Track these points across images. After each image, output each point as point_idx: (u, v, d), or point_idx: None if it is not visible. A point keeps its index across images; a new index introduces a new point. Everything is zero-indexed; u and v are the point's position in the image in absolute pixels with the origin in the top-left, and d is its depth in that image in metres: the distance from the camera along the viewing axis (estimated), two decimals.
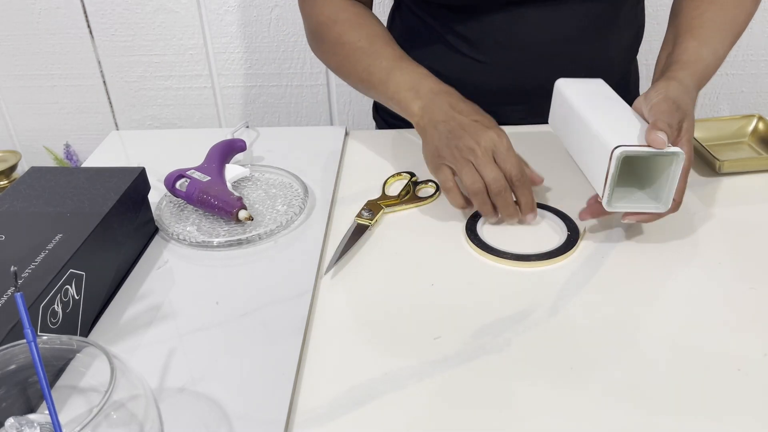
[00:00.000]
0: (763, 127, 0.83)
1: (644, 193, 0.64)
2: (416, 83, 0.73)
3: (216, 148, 0.78)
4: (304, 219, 0.72)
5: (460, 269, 0.63)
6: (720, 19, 0.73)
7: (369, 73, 0.77)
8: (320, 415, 0.49)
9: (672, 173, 0.60)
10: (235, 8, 1.37)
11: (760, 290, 0.59)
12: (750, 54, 1.40)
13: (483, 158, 0.65)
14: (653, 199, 0.63)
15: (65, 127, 1.54)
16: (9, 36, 1.42)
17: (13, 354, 0.39)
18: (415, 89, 0.73)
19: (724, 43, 0.73)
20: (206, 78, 1.45)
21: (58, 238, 0.56)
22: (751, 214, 0.70)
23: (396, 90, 0.74)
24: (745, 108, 1.46)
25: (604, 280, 0.61)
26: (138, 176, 0.66)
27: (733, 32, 0.74)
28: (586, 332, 0.55)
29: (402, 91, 0.74)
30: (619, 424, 0.47)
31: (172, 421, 0.48)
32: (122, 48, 1.42)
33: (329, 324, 0.58)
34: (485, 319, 0.57)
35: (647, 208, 0.63)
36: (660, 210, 0.62)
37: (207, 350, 0.55)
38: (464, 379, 0.51)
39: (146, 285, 0.63)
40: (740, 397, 0.49)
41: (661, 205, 0.62)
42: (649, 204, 0.63)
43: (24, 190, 0.64)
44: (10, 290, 0.50)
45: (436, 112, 0.70)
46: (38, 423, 0.40)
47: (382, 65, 0.76)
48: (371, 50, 0.78)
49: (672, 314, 0.57)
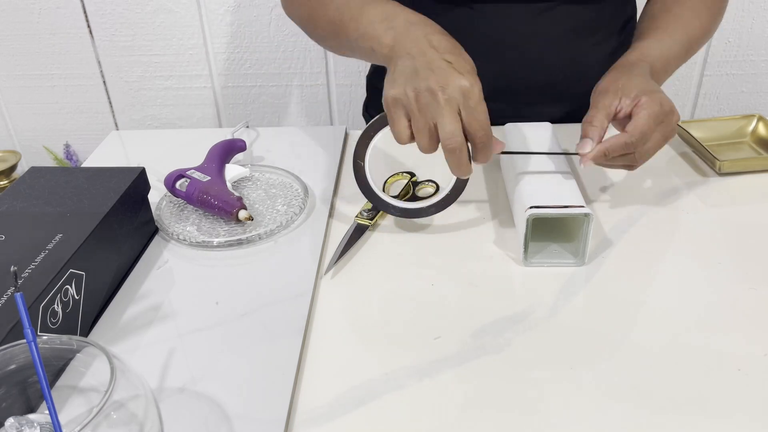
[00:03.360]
0: (763, 127, 0.83)
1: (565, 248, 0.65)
2: (390, 14, 0.66)
3: (216, 148, 0.78)
4: (304, 219, 0.72)
5: (460, 269, 0.63)
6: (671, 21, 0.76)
7: (340, 12, 0.70)
8: (320, 415, 0.49)
9: (584, 232, 0.61)
10: (235, 8, 1.37)
11: (760, 290, 0.59)
12: (750, 54, 1.40)
13: (444, 107, 0.58)
14: (572, 253, 0.64)
15: (65, 127, 1.54)
16: (9, 36, 1.42)
17: (13, 354, 0.39)
18: (388, 20, 0.65)
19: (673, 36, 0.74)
20: (206, 78, 1.45)
21: (58, 238, 0.56)
22: (751, 214, 0.70)
23: (368, 23, 0.66)
24: (745, 108, 1.46)
25: (604, 280, 0.61)
26: (138, 176, 0.66)
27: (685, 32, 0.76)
28: (586, 332, 0.55)
29: (374, 24, 0.66)
30: (619, 424, 0.47)
31: (172, 421, 0.48)
32: (122, 48, 1.42)
33: (329, 324, 0.58)
34: (485, 319, 0.57)
35: (565, 263, 0.63)
36: (578, 265, 0.63)
37: (207, 350, 0.55)
38: (464, 379, 0.51)
39: (146, 285, 0.63)
40: (740, 397, 0.49)
41: (578, 260, 0.63)
42: (568, 260, 0.63)
43: (24, 190, 0.64)
44: (10, 290, 0.50)
45: (408, 43, 0.62)
46: (38, 423, 0.40)
47: (355, 2, 0.69)
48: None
49: (672, 314, 0.57)
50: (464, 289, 0.61)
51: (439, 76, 0.58)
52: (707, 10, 0.78)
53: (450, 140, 0.58)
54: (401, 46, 0.62)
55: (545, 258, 0.64)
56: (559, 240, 0.65)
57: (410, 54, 0.61)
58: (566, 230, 0.65)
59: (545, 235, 0.65)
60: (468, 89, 0.58)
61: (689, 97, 1.46)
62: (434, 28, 0.63)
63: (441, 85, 0.58)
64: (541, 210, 0.61)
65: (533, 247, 0.64)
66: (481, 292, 0.60)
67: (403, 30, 0.63)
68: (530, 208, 0.61)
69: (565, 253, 0.64)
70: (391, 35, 0.64)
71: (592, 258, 0.64)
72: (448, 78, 0.58)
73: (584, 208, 0.61)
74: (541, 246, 0.65)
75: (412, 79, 0.59)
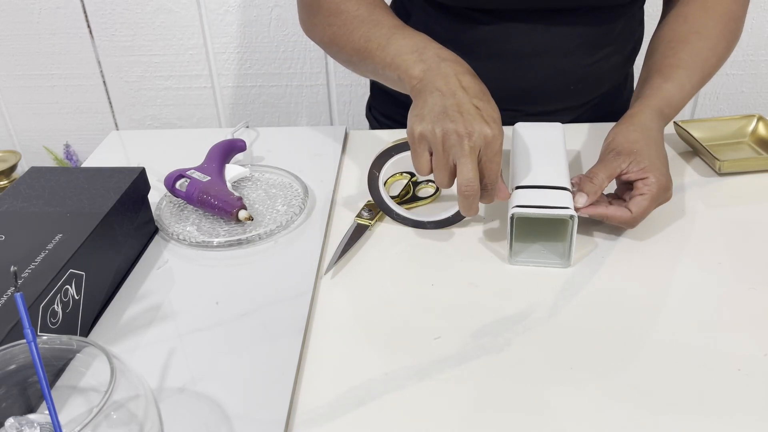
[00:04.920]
0: (763, 127, 0.83)
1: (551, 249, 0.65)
2: (420, 47, 0.66)
3: (216, 148, 0.78)
4: (304, 219, 0.72)
5: (460, 269, 0.63)
6: (690, 59, 0.74)
7: (367, 40, 0.70)
8: (320, 415, 0.49)
9: (570, 234, 0.61)
10: (235, 8, 1.37)
11: (760, 290, 0.59)
12: (750, 54, 1.40)
13: (468, 154, 0.59)
14: (558, 255, 0.64)
15: (65, 127, 1.54)
16: (9, 36, 1.42)
17: (13, 354, 0.39)
18: (418, 52, 0.66)
19: (692, 80, 0.74)
20: (206, 78, 1.45)
21: (58, 238, 0.56)
22: (751, 214, 0.70)
23: (397, 53, 0.67)
24: (745, 108, 1.46)
25: (604, 280, 0.61)
26: (138, 176, 0.66)
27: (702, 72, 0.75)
28: (586, 332, 0.55)
29: (403, 54, 0.66)
30: (619, 424, 0.47)
31: (172, 421, 0.48)
32: (122, 48, 1.42)
33: (329, 324, 0.58)
34: (485, 319, 0.57)
35: (550, 264, 0.63)
36: (563, 267, 0.63)
37: (207, 350, 0.55)
38: (464, 379, 0.51)
39: (146, 285, 0.63)
40: (740, 397, 0.49)
41: (564, 262, 0.63)
42: (553, 260, 0.63)
43: (24, 190, 0.64)
44: (10, 290, 0.50)
45: (439, 79, 0.63)
46: (38, 423, 0.40)
47: (382, 32, 0.70)
48: (370, 18, 0.72)
49: (672, 314, 0.57)
50: (464, 289, 0.61)
51: (468, 121, 0.59)
52: (724, 40, 0.77)
53: (467, 187, 0.60)
54: (431, 81, 0.63)
55: (531, 258, 0.64)
56: (547, 241, 0.65)
57: (441, 91, 0.61)
58: (554, 232, 0.65)
59: (535, 236, 0.66)
60: (491, 139, 0.59)
61: None
62: (465, 68, 0.64)
63: (468, 132, 0.59)
64: (525, 210, 0.61)
65: (520, 246, 0.64)
66: (481, 292, 0.60)
67: (434, 65, 0.64)
68: (515, 207, 0.62)
69: (551, 254, 0.64)
70: (421, 68, 0.64)
71: (592, 258, 0.64)
72: (476, 125, 0.59)
73: (569, 209, 0.61)
74: (527, 246, 0.65)
75: (441, 119, 0.60)
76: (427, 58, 0.65)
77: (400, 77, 0.66)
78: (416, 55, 0.65)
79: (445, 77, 0.62)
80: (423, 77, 0.64)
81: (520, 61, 0.83)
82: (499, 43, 0.83)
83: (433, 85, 0.62)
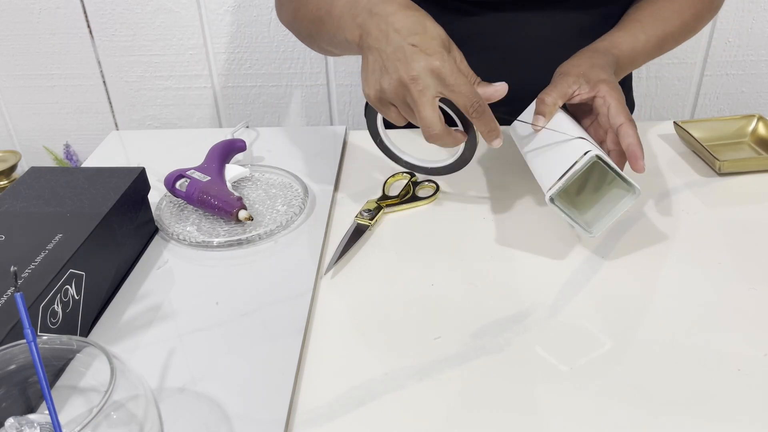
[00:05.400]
0: (763, 127, 0.83)
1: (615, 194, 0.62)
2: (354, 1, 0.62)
3: (216, 148, 0.78)
4: (304, 219, 0.72)
5: (460, 269, 0.63)
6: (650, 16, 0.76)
7: (317, 8, 0.67)
8: (320, 415, 0.49)
9: (619, 206, 0.60)
10: (235, 8, 1.37)
11: (760, 290, 0.59)
12: (750, 54, 1.40)
13: (418, 99, 0.57)
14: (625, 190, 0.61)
15: (65, 127, 1.54)
16: (9, 36, 1.42)
17: (13, 354, 0.39)
18: (353, 8, 0.62)
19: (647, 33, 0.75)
20: (206, 78, 1.45)
21: (58, 238, 0.56)
22: (751, 214, 0.70)
23: (339, 15, 0.63)
24: (745, 108, 1.46)
25: (604, 279, 0.61)
26: (138, 176, 0.66)
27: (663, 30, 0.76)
28: (586, 332, 0.55)
29: (343, 14, 0.63)
30: (619, 424, 0.47)
31: (172, 421, 0.48)
32: (122, 48, 1.42)
33: (329, 324, 0.58)
34: (485, 319, 0.57)
35: (622, 206, 0.61)
36: (635, 198, 0.60)
37: (207, 350, 0.55)
38: (464, 379, 0.51)
39: (146, 285, 0.63)
40: (740, 397, 0.49)
41: (631, 195, 0.60)
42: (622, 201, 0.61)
43: (24, 190, 0.64)
44: (10, 290, 0.50)
45: (373, 31, 0.59)
46: (38, 423, 0.40)
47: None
48: None
49: (672, 314, 0.57)
50: (464, 289, 0.61)
51: (407, 64, 0.57)
52: (692, 8, 0.78)
53: (428, 131, 0.58)
54: (367, 35, 0.60)
55: (566, 206, 0.61)
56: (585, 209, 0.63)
57: (377, 46, 0.59)
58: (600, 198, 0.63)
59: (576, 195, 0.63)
60: (439, 68, 0.56)
61: (689, 97, 1.46)
62: (394, 7, 0.59)
63: (411, 76, 0.57)
64: (555, 187, 0.59)
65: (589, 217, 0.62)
66: (481, 292, 0.60)
67: (367, 16, 0.60)
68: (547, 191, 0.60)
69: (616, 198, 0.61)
70: (357, 25, 0.61)
71: (592, 258, 0.64)
72: (416, 64, 0.56)
73: (585, 155, 0.59)
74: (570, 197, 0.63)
75: (383, 74, 0.58)
76: (359, 12, 0.61)
77: (347, 39, 0.63)
78: (352, 12, 0.62)
79: (377, 26, 0.59)
80: (361, 34, 0.61)
81: (514, 53, 0.83)
82: (492, 36, 0.83)
83: (369, 41, 0.60)
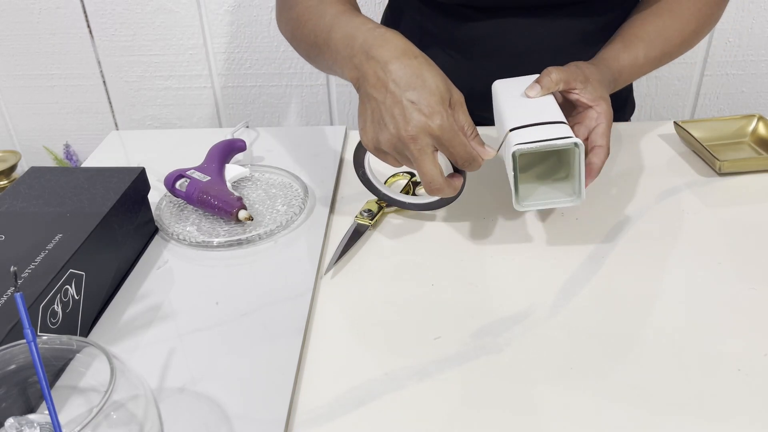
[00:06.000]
0: (763, 127, 0.83)
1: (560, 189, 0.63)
2: (350, 41, 0.61)
3: (216, 148, 0.78)
4: (304, 219, 0.72)
5: (460, 269, 0.63)
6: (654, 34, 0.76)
7: (315, 35, 0.66)
8: (320, 415, 0.49)
9: (578, 165, 0.59)
10: (235, 8, 1.37)
11: (760, 290, 0.59)
12: (750, 54, 1.40)
13: (418, 157, 0.58)
14: (567, 194, 0.62)
15: (65, 127, 1.54)
16: (9, 36, 1.42)
17: (13, 354, 0.39)
18: (349, 48, 0.61)
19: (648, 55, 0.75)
20: (206, 78, 1.45)
21: (58, 238, 0.56)
22: (751, 214, 0.70)
23: (335, 51, 0.63)
24: (745, 108, 1.46)
25: (604, 279, 0.61)
26: (138, 176, 0.66)
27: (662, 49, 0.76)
28: (586, 332, 0.55)
29: (340, 51, 0.62)
30: (619, 424, 0.47)
31: (172, 421, 0.48)
32: (122, 48, 1.42)
33: (329, 324, 0.58)
34: (485, 319, 0.57)
35: (561, 203, 0.61)
36: (575, 203, 0.61)
37: (207, 350, 0.55)
38: (464, 379, 0.51)
39: (146, 285, 0.63)
40: (740, 397, 0.49)
41: (575, 199, 0.61)
42: (563, 198, 0.62)
43: (24, 190, 0.64)
44: (10, 290, 0.50)
45: (371, 78, 0.59)
46: (38, 423, 0.40)
47: (324, 23, 0.65)
48: (318, 9, 0.68)
49: (672, 314, 0.57)
50: (464, 289, 0.61)
51: (406, 123, 0.57)
52: (693, 23, 0.78)
53: (430, 185, 0.60)
54: (364, 80, 0.60)
55: (539, 200, 0.62)
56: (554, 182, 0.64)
57: (375, 95, 0.59)
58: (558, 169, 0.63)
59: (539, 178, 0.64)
60: (436, 130, 0.57)
61: (689, 97, 1.46)
62: (392, 53, 0.59)
63: (411, 136, 0.57)
64: (526, 146, 0.59)
65: (527, 190, 0.62)
66: (481, 292, 0.60)
67: (364, 59, 0.60)
68: (516, 145, 0.59)
69: (560, 193, 0.62)
70: (353, 66, 0.61)
71: (592, 258, 0.64)
72: (414, 124, 0.57)
73: (572, 138, 0.58)
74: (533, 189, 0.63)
75: (381, 128, 0.59)
76: (356, 52, 0.61)
77: (346, 78, 0.63)
78: (348, 52, 0.62)
79: (375, 75, 0.59)
80: (358, 78, 0.61)
81: (516, 58, 0.83)
82: (494, 41, 0.83)
83: (367, 88, 0.60)
